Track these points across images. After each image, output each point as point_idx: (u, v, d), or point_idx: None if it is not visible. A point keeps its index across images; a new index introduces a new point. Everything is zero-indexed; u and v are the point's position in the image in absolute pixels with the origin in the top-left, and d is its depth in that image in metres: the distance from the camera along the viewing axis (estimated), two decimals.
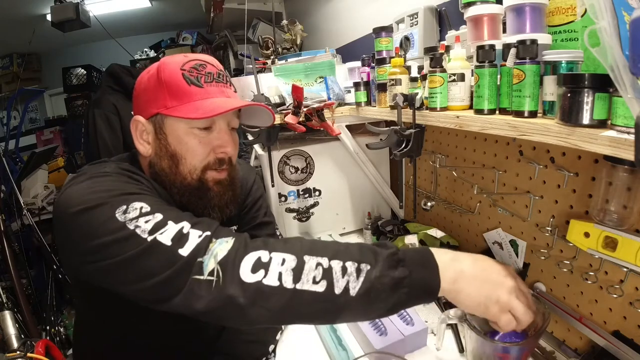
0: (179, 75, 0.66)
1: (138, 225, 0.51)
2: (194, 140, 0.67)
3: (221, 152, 0.69)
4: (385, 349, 0.80)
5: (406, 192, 1.44)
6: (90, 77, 3.92)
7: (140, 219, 0.51)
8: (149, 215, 0.52)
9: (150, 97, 0.68)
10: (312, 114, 1.18)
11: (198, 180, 0.69)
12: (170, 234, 0.50)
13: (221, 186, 0.71)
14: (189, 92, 0.65)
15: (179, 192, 0.69)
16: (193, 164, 0.68)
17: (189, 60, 0.68)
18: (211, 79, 0.68)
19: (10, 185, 2.28)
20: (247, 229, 0.88)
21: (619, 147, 0.43)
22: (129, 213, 0.52)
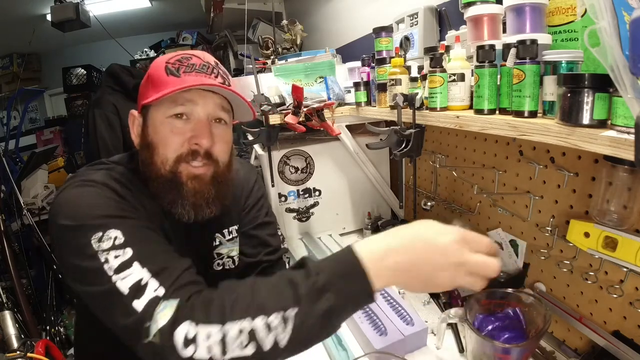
0: (162, 67, 0.67)
1: (107, 260, 0.53)
2: (167, 129, 0.66)
3: (194, 142, 0.66)
4: (385, 349, 0.80)
5: (406, 192, 1.44)
6: (90, 77, 3.92)
7: (111, 253, 0.53)
8: (120, 250, 0.54)
9: (141, 92, 0.70)
10: (312, 114, 1.18)
11: (170, 172, 0.66)
12: (129, 282, 0.51)
13: (198, 182, 0.67)
14: (166, 81, 0.65)
15: (153, 184, 0.68)
16: (165, 154, 0.66)
17: (177, 54, 0.69)
18: (191, 70, 0.66)
19: (10, 185, 2.28)
20: (249, 228, 0.87)
21: (619, 147, 0.43)
22: (103, 242, 0.54)
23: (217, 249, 0.83)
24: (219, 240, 0.82)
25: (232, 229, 0.85)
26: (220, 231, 0.82)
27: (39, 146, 3.92)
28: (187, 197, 0.67)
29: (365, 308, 0.93)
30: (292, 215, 1.44)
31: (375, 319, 0.90)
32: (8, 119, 3.49)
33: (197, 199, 0.68)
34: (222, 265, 0.84)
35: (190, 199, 0.68)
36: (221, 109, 0.70)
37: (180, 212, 0.68)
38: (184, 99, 0.66)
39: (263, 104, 1.17)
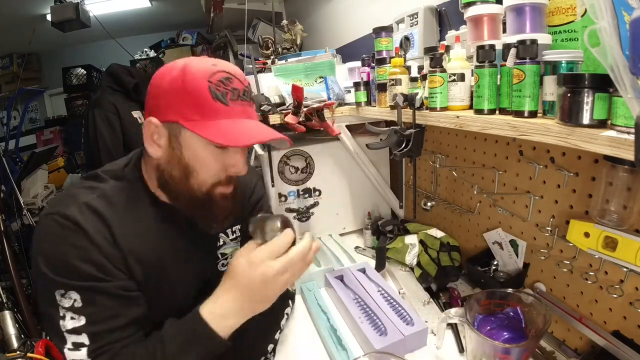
0: (205, 87, 0.62)
1: (64, 317, 0.60)
2: (210, 158, 0.66)
3: (234, 171, 0.70)
4: (385, 349, 0.80)
5: (406, 192, 1.44)
6: (90, 77, 3.93)
7: (68, 314, 0.60)
8: (76, 315, 0.60)
9: (171, 102, 0.64)
10: (312, 114, 1.18)
11: (206, 194, 0.69)
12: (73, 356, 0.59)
13: (226, 200, 0.71)
14: (214, 108, 0.62)
15: (184, 202, 0.69)
16: (204, 179, 0.68)
17: (217, 71, 0.64)
18: (237, 97, 0.65)
19: (10, 185, 2.28)
20: None
21: (619, 147, 0.43)
22: (64, 299, 0.60)
23: (222, 249, 0.83)
24: (223, 240, 0.83)
25: (235, 229, 0.86)
26: (224, 231, 0.83)
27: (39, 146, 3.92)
28: (218, 212, 0.71)
29: (365, 308, 0.94)
30: (292, 215, 1.44)
31: (375, 319, 0.90)
32: (8, 119, 3.50)
33: (224, 213, 0.72)
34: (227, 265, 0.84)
35: (220, 214, 0.71)
36: None
37: (214, 227, 0.73)
38: None
39: (263, 104, 1.17)
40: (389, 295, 0.98)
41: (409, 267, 1.17)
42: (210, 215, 0.71)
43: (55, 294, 0.60)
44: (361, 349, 0.87)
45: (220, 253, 0.83)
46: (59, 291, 0.60)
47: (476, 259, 1.05)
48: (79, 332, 0.60)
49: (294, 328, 0.97)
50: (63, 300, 0.60)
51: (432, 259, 1.10)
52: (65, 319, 0.60)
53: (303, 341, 0.92)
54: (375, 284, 1.04)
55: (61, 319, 0.60)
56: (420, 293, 1.05)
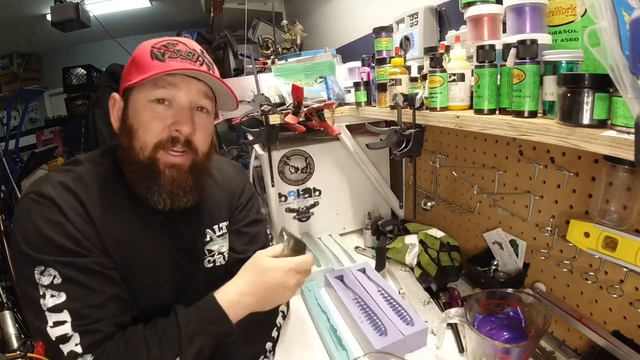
0: (147, 51, 0.67)
1: (44, 295, 0.59)
2: (147, 114, 0.65)
3: (175, 129, 0.66)
4: (385, 349, 0.80)
5: (406, 192, 1.44)
6: (90, 77, 3.93)
7: (48, 292, 0.59)
8: (55, 291, 0.59)
9: (124, 74, 0.69)
10: (312, 114, 1.18)
11: (149, 158, 0.66)
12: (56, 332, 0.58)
13: (176, 171, 0.68)
14: (149, 65, 0.65)
15: (130, 169, 0.68)
16: (144, 139, 0.65)
17: (163, 40, 0.69)
18: (177, 56, 0.66)
19: (10, 185, 2.28)
20: (241, 226, 0.88)
21: (619, 147, 0.43)
22: (43, 276, 0.59)
23: (208, 245, 0.83)
24: (209, 236, 0.83)
25: (223, 225, 0.85)
26: (211, 227, 0.83)
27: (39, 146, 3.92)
28: (164, 185, 0.67)
29: (365, 308, 0.94)
30: (292, 215, 1.44)
31: (375, 319, 0.90)
32: (8, 119, 3.50)
33: (174, 187, 0.68)
34: (214, 262, 0.84)
35: (168, 187, 0.68)
36: (204, 96, 0.70)
37: (157, 199, 0.68)
38: (166, 82, 0.65)
39: (263, 104, 1.17)
40: (389, 295, 0.98)
41: (409, 267, 1.17)
42: (155, 186, 0.67)
43: (34, 272, 0.59)
44: (361, 349, 0.87)
45: (207, 249, 0.83)
46: (38, 268, 0.59)
47: (476, 259, 1.05)
48: (59, 310, 0.59)
49: (294, 328, 0.97)
50: (42, 278, 0.59)
51: (432, 259, 1.10)
52: (46, 297, 0.59)
53: (303, 341, 0.92)
54: (375, 284, 1.04)
55: (41, 298, 0.59)
56: (420, 293, 1.05)
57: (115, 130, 0.72)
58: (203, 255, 0.83)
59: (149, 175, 0.67)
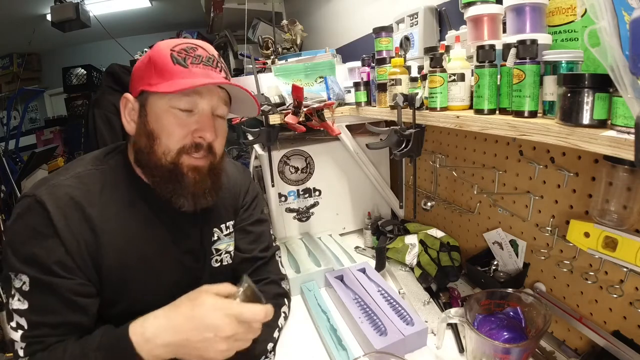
0: (168, 54, 0.66)
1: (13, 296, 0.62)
2: (172, 120, 0.66)
3: (199, 136, 0.68)
4: (385, 349, 0.80)
5: (406, 192, 1.44)
6: (90, 77, 3.93)
7: (16, 295, 0.61)
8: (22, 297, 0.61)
9: (139, 75, 0.69)
10: (312, 114, 1.18)
11: (172, 163, 0.67)
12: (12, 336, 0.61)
13: (198, 173, 0.69)
14: (173, 70, 0.65)
15: (152, 173, 0.69)
16: (167, 144, 0.67)
17: (181, 42, 0.68)
18: (198, 61, 0.67)
19: (10, 185, 2.28)
20: (246, 224, 0.89)
21: (619, 147, 0.43)
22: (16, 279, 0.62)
23: (216, 244, 0.84)
24: (217, 235, 0.84)
25: (229, 224, 0.86)
26: (218, 226, 0.84)
27: (39, 146, 3.92)
28: (187, 187, 0.69)
29: (365, 308, 0.94)
30: (292, 215, 1.44)
31: (375, 319, 0.90)
32: (8, 119, 3.50)
33: (197, 189, 0.70)
34: (221, 261, 0.85)
35: (191, 189, 0.69)
36: (224, 102, 0.72)
37: (182, 202, 0.70)
38: (191, 91, 0.66)
39: (263, 104, 1.17)
40: (389, 295, 0.98)
41: (409, 267, 1.17)
42: (177, 188, 0.69)
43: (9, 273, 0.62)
44: (361, 349, 0.87)
45: (214, 249, 0.83)
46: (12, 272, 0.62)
47: (476, 259, 1.05)
48: (20, 315, 0.61)
49: (294, 328, 0.97)
50: (15, 280, 0.61)
51: (432, 259, 1.10)
52: (14, 298, 0.61)
53: (303, 341, 0.92)
54: (375, 284, 1.04)
55: (11, 297, 0.62)
56: (420, 293, 1.05)
57: (128, 131, 0.71)
58: (210, 255, 0.83)
59: (172, 179, 0.68)
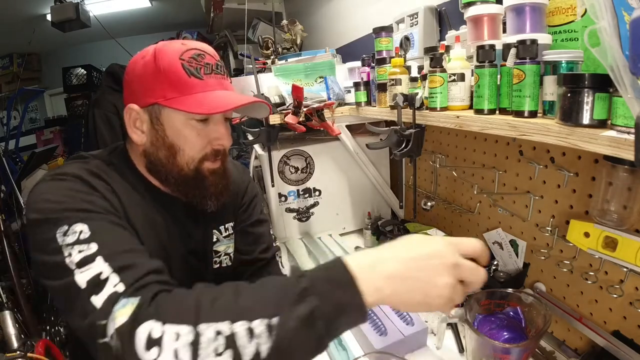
0: (178, 65, 0.64)
1: (70, 254, 0.50)
2: (193, 133, 0.67)
3: (218, 144, 0.70)
4: (385, 349, 0.80)
5: (406, 192, 1.44)
6: (90, 77, 3.92)
7: (75, 247, 0.51)
8: (84, 245, 0.51)
9: (148, 85, 0.66)
10: (312, 114, 1.18)
11: (195, 170, 0.70)
12: (88, 276, 0.48)
13: (216, 175, 0.72)
14: (190, 84, 0.65)
15: (175, 183, 0.70)
16: (191, 155, 0.69)
17: (187, 49, 0.66)
18: (210, 71, 0.67)
19: (10, 185, 2.28)
20: (245, 225, 0.89)
21: (619, 147, 0.43)
22: (67, 236, 0.52)
23: (216, 246, 0.84)
24: (216, 237, 0.83)
25: (228, 226, 0.86)
26: (217, 228, 0.84)
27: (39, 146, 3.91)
28: (209, 189, 0.72)
29: None
30: (292, 215, 1.44)
31: (375, 319, 0.90)
32: (8, 119, 3.50)
33: (217, 189, 0.73)
34: (220, 263, 0.85)
35: (212, 190, 0.72)
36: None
37: (208, 204, 0.73)
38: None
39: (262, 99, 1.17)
40: None
41: None
42: (203, 192, 0.72)
43: (56, 236, 0.52)
44: (361, 349, 0.87)
45: (214, 250, 0.83)
46: (60, 229, 0.52)
47: None
48: (91, 260, 0.50)
49: None
50: (67, 238, 0.51)
51: None
52: (72, 255, 0.50)
53: None
54: None
55: (67, 258, 0.50)
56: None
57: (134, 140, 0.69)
58: (211, 257, 0.83)
59: (198, 185, 0.71)
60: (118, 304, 0.45)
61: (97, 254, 0.50)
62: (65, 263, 0.50)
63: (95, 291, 0.47)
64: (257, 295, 0.46)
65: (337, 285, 0.44)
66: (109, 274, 0.48)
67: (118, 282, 0.48)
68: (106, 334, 0.44)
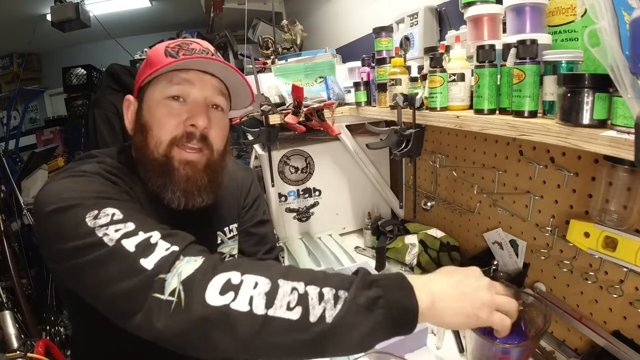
0: (162, 51, 0.66)
1: (107, 234, 0.49)
2: (163, 110, 0.64)
3: (190, 124, 0.64)
4: (385, 349, 0.79)
5: (406, 192, 1.44)
6: (90, 77, 3.92)
7: (110, 227, 0.49)
8: (120, 224, 0.50)
9: (138, 75, 0.69)
10: (312, 114, 1.18)
11: (163, 155, 0.64)
12: (135, 241, 0.48)
13: (191, 169, 0.65)
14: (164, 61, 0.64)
15: (145, 168, 0.66)
16: (159, 135, 0.64)
17: (177, 40, 0.69)
18: (191, 53, 0.65)
19: (10, 185, 2.28)
20: (248, 226, 0.88)
21: (619, 147, 0.43)
22: (99, 219, 0.50)
23: (220, 248, 0.82)
24: (221, 239, 0.82)
25: (233, 227, 0.85)
26: (222, 229, 0.82)
27: (39, 146, 3.91)
28: (178, 182, 0.65)
29: None
30: (292, 215, 1.44)
31: None
32: (8, 119, 3.50)
33: (189, 185, 0.65)
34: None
35: (182, 185, 0.65)
36: (219, 92, 0.69)
37: (170, 197, 0.65)
38: (181, 79, 0.65)
39: (263, 104, 1.17)
40: None
41: (409, 267, 1.17)
42: (170, 183, 0.64)
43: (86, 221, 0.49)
44: None
45: (219, 252, 0.82)
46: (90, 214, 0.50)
47: (476, 259, 1.05)
48: (134, 233, 0.49)
49: None
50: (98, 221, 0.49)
51: (432, 259, 1.10)
52: (109, 234, 0.48)
53: None
54: None
55: (104, 237, 0.48)
56: None
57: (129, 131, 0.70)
58: None
59: (163, 173, 0.64)
60: (181, 260, 0.47)
61: (138, 229, 0.49)
62: (103, 241, 0.48)
63: (145, 254, 0.47)
64: (325, 274, 0.49)
65: (400, 288, 0.48)
66: (158, 239, 0.48)
67: (170, 246, 0.48)
68: (164, 288, 0.44)
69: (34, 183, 2.65)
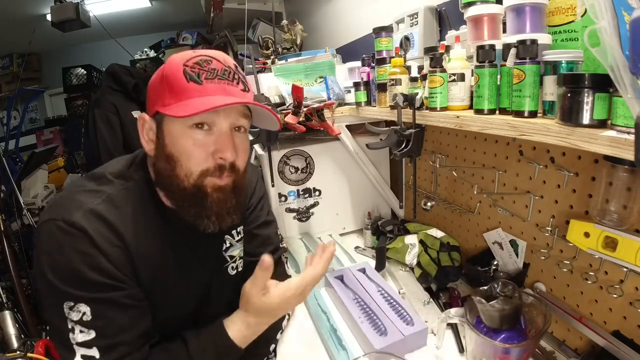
0: (180, 71, 0.62)
1: (73, 330, 0.59)
2: (188, 142, 0.62)
3: (219, 157, 0.64)
4: (385, 349, 0.80)
5: (406, 192, 1.44)
6: (90, 77, 3.92)
7: (77, 327, 0.59)
8: (85, 328, 0.59)
9: (154, 94, 0.65)
10: (312, 114, 1.18)
11: (194, 185, 0.64)
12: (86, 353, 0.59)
13: (222, 193, 0.66)
14: (186, 89, 0.61)
15: (174, 197, 0.66)
16: (189, 167, 0.63)
17: (194, 55, 0.64)
18: (213, 76, 0.62)
19: (10, 185, 2.28)
20: (252, 227, 0.87)
21: (619, 147, 0.43)
22: (73, 312, 0.58)
23: (229, 251, 0.81)
24: (229, 242, 0.81)
25: (240, 229, 0.84)
26: (229, 232, 0.81)
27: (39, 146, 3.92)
28: (211, 207, 0.65)
29: (365, 308, 0.94)
30: (292, 215, 1.44)
31: (375, 319, 0.90)
32: (8, 119, 3.50)
33: (220, 208, 0.66)
34: (237, 268, 0.83)
35: (214, 209, 0.66)
36: (242, 116, 0.67)
37: (206, 224, 0.66)
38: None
39: (263, 103, 1.17)
40: (389, 295, 0.98)
41: (409, 267, 1.17)
42: (203, 210, 0.65)
43: (63, 306, 0.58)
44: (361, 349, 0.87)
45: (228, 256, 0.81)
46: (67, 303, 0.58)
47: (476, 259, 1.05)
48: (89, 346, 0.59)
49: (294, 328, 0.97)
50: (72, 314, 0.58)
51: (432, 259, 1.10)
52: (75, 332, 0.58)
53: (303, 341, 0.92)
54: (375, 284, 1.04)
55: (70, 332, 0.58)
56: (420, 293, 1.05)
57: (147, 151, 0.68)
58: (226, 262, 0.81)
59: (195, 202, 0.65)
60: None
61: (94, 343, 0.59)
62: (69, 337, 0.59)
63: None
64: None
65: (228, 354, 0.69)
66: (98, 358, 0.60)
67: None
68: None
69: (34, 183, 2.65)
